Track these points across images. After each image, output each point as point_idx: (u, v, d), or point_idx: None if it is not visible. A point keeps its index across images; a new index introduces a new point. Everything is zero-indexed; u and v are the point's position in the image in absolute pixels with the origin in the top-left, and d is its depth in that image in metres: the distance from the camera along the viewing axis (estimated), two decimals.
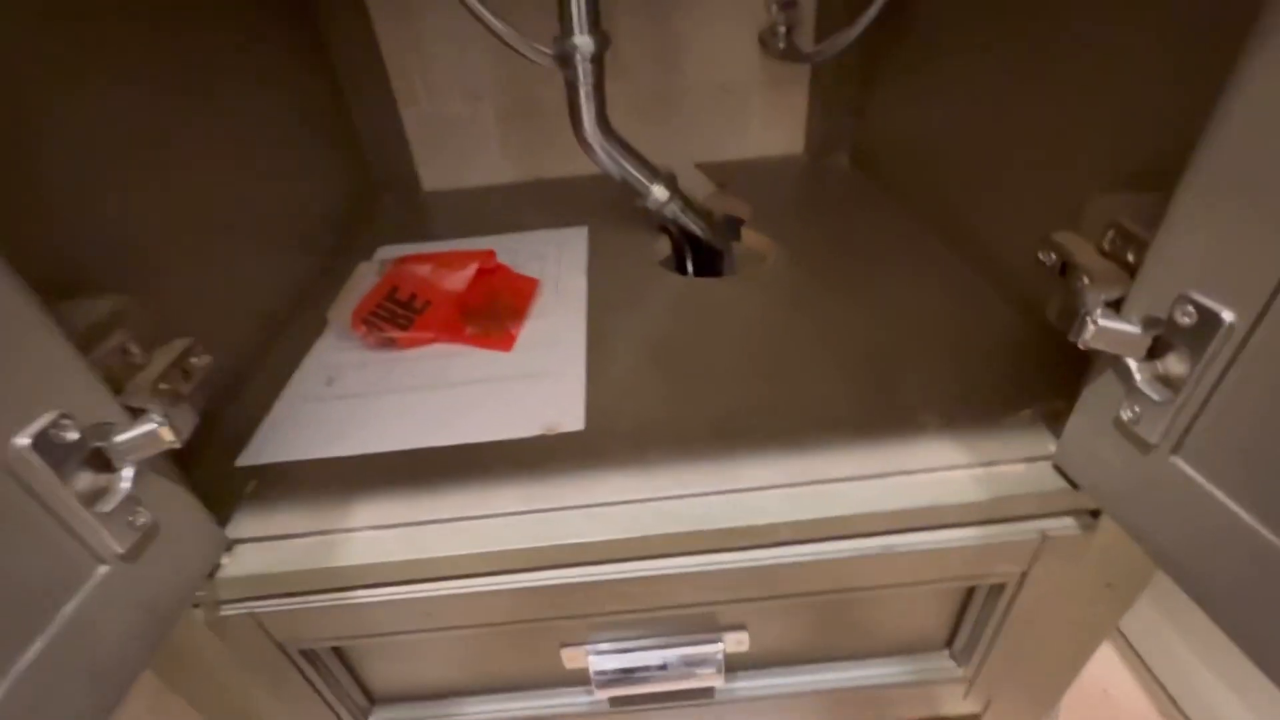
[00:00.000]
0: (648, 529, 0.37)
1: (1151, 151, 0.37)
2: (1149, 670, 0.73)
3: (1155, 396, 0.30)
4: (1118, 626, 0.77)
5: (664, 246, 0.73)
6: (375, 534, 0.38)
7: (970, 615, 0.47)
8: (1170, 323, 0.28)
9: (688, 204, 0.68)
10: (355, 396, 0.50)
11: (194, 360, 0.38)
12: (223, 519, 0.39)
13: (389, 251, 0.72)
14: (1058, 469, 0.38)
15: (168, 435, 0.32)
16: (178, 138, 0.48)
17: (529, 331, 0.56)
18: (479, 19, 0.55)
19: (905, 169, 0.72)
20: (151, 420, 0.31)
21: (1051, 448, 0.39)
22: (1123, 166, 0.39)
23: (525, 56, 0.58)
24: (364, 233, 0.77)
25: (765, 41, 0.78)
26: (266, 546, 0.38)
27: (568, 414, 0.46)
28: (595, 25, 0.56)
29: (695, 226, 0.69)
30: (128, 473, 0.31)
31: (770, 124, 0.87)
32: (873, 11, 0.61)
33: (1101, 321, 0.31)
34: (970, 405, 0.42)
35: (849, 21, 0.65)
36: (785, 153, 0.90)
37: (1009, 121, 0.52)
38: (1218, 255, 0.26)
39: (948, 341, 0.49)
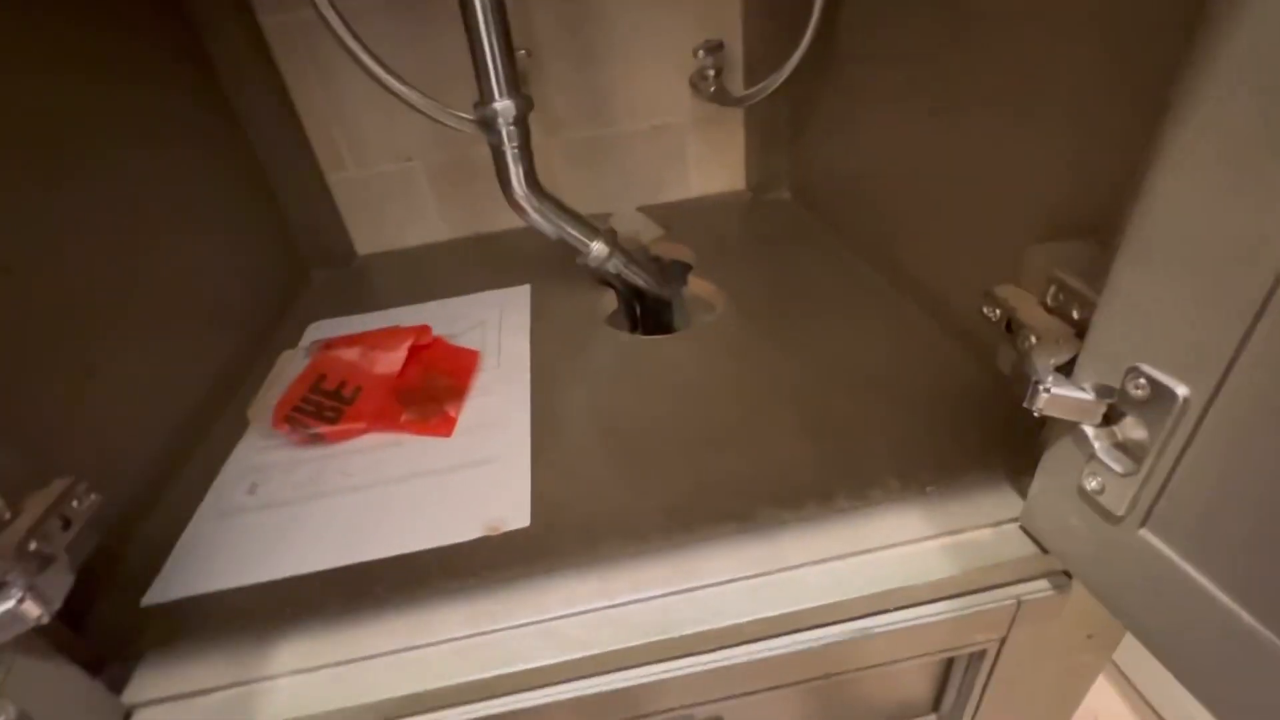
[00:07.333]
0: (604, 644, 0.34)
1: (1084, 196, 0.37)
2: (1139, 692, 0.72)
3: (1117, 467, 0.28)
4: None
5: (610, 301, 0.70)
6: (302, 680, 0.34)
7: (954, 679, 0.45)
8: (1123, 393, 0.27)
9: (630, 257, 0.66)
10: (281, 505, 0.46)
11: (76, 504, 0.33)
12: (122, 679, 0.34)
13: (320, 329, 0.68)
14: (1025, 531, 0.37)
15: (33, 611, 0.28)
16: (52, 220, 0.43)
17: (470, 412, 0.53)
18: (393, 93, 0.53)
19: (843, 205, 0.72)
20: (11, 595, 0.27)
21: (1018, 509, 0.37)
22: (1057, 210, 0.39)
23: (446, 125, 0.55)
24: (294, 309, 0.73)
25: (695, 85, 0.77)
26: (174, 708, 0.34)
27: (512, 509, 0.42)
28: (515, 88, 0.54)
29: (640, 280, 0.67)
30: None
31: (709, 163, 0.87)
32: (797, 56, 0.61)
33: (1054, 389, 0.29)
34: (931, 466, 0.41)
35: (776, 62, 0.65)
36: (728, 189, 0.89)
37: (935, 160, 0.51)
38: (1163, 327, 0.25)
39: (902, 395, 0.47)
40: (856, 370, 0.51)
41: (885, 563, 0.36)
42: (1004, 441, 0.41)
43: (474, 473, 0.46)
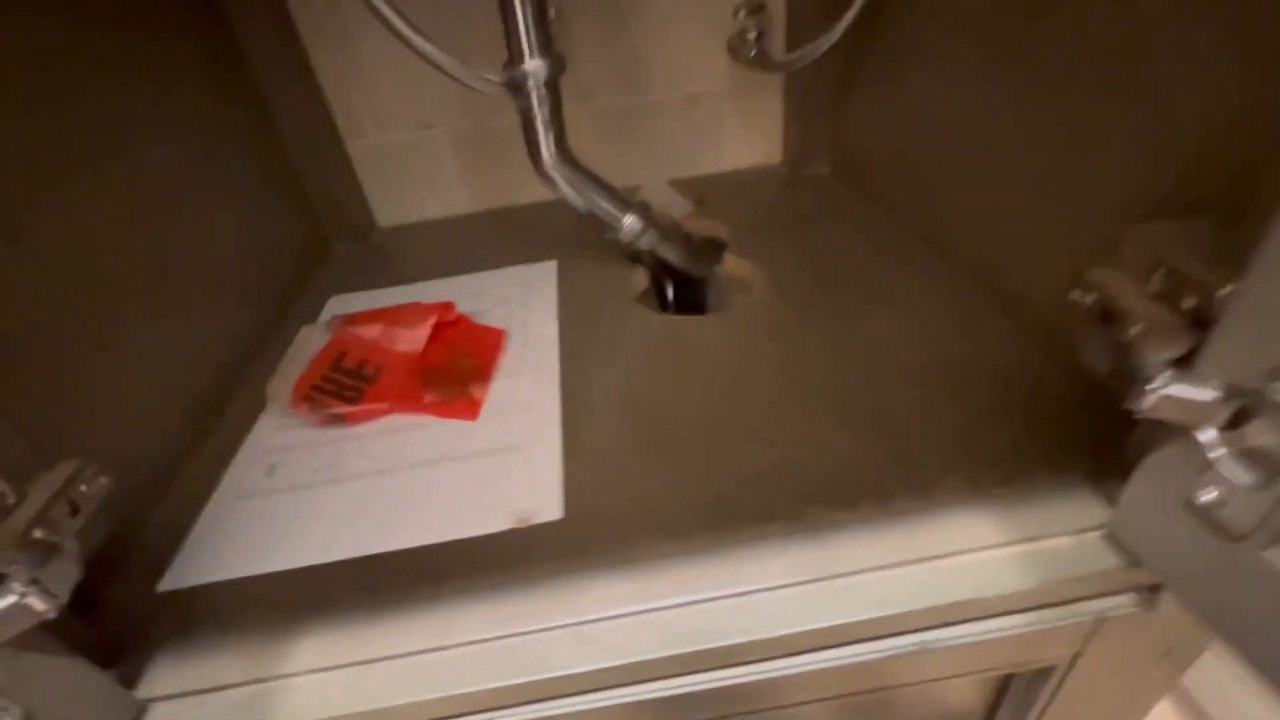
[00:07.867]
0: (644, 651, 0.31)
1: (1198, 167, 0.32)
2: (1191, 698, 0.69)
3: (1243, 479, 0.25)
4: None
5: (641, 278, 0.67)
6: (320, 679, 0.32)
7: (1014, 693, 0.42)
8: (1260, 394, 0.23)
9: (663, 233, 0.62)
10: (300, 489, 0.44)
11: (84, 488, 0.31)
12: (135, 671, 0.33)
13: (340, 303, 0.65)
14: (1111, 539, 0.33)
15: (38, 606, 0.26)
16: (61, 190, 0.41)
17: (496, 394, 0.50)
18: (416, 50, 0.49)
19: (892, 181, 0.67)
20: (13, 590, 0.25)
21: (1101, 515, 0.34)
22: (1162, 184, 0.34)
23: (471, 87, 0.52)
24: (314, 283, 0.71)
25: (734, 49, 0.72)
26: (190, 704, 0.32)
27: (543, 500, 0.40)
28: (547, 47, 0.50)
29: (673, 257, 0.63)
30: None
31: (745, 134, 0.82)
32: (851, 14, 0.56)
33: (1167, 389, 0.26)
34: (998, 465, 0.37)
35: (823, 25, 0.60)
36: (763, 163, 0.84)
37: (1008, 132, 0.47)
38: None
39: (962, 385, 0.43)
40: (910, 357, 0.47)
41: (951, 571, 0.33)
42: (1082, 440, 0.37)
43: (501, 459, 0.44)
